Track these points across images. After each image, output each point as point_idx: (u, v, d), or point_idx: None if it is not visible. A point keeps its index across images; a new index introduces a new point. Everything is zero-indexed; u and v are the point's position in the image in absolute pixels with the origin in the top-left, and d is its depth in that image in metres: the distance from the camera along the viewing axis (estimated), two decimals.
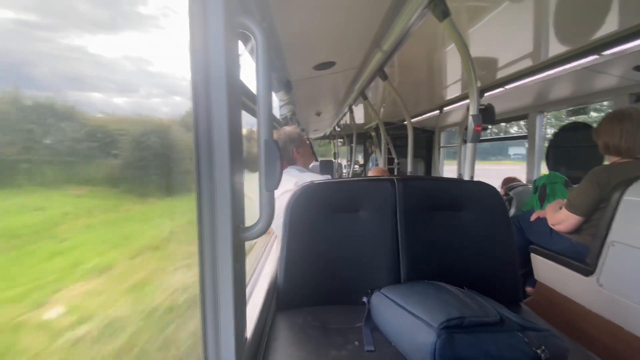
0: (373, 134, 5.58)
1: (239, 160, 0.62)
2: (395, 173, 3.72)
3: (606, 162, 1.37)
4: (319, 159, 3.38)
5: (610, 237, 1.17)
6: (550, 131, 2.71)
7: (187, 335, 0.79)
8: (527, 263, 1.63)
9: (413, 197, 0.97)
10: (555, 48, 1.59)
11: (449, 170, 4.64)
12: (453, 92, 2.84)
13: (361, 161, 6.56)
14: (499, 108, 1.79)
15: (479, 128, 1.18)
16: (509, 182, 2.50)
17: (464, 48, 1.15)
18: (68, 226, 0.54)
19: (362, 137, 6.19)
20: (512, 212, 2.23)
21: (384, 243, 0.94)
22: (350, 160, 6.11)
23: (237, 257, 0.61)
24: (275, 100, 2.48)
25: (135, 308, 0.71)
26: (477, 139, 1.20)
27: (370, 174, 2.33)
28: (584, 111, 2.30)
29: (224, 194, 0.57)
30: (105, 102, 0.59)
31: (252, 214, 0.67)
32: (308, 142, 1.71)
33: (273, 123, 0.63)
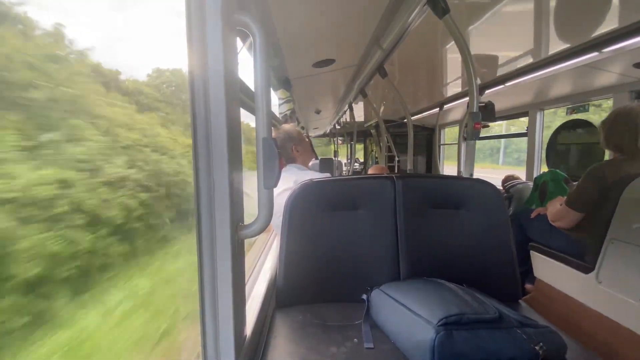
0: (373, 131, 5.57)
1: (237, 157, 0.62)
2: (396, 171, 3.72)
3: (607, 158, 1.36)
4: (319, 157, 3.38)
5: (610, 235, 1.17)
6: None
7: None
8: (527, 260, 1.63)
9: (413, 194, 0.96)
10: (556, 45, 1.59)
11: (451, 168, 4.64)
12: (453, 89, 2.83)
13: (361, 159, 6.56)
14: (499, 105, 1.78)
15: (479, 125, 1.18)
16: (508, 179, 2.50)
17: (463, 45, 1.15)
18: None
19: (362, 135, 6.18)
20: (511, 209, 2.22)
21: (383, 240, 0.94)
22: (350, 158, 6.11)
23: (236, 254, 0.61)
24: (275, 98, 2.47)
25: None
26: (476, 137, 1.20)
27: (370, 171, 2.33)
28: (584, 109, 2.29)
29: (223, 191, 0.57)
30: None
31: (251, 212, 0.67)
32: (308, 139, 1.70)
33: (272, 121, 0.63)
